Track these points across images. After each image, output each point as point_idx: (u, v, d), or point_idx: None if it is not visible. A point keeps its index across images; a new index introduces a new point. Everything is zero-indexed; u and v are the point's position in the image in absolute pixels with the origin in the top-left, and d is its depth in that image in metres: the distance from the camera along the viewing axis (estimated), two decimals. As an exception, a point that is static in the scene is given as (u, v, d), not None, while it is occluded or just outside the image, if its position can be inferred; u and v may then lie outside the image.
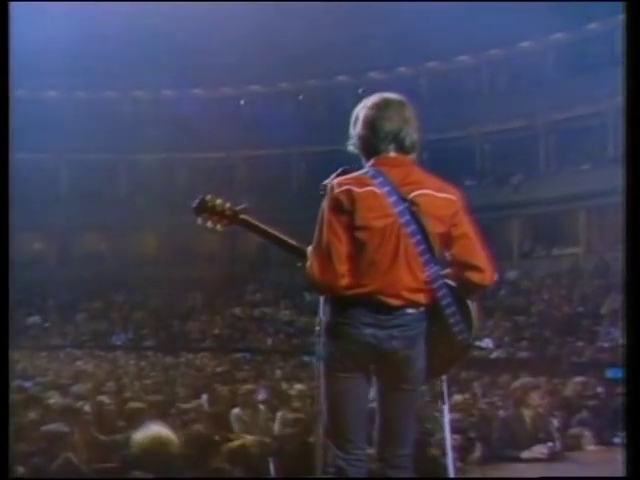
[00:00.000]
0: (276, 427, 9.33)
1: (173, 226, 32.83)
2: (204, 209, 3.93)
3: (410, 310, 3.59)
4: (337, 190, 3.58)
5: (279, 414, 9.69)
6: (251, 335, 30.50)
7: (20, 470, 6.33)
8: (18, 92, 34.21)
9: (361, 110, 3.80)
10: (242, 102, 38.03)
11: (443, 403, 4.14)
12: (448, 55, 33.71)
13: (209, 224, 3.93)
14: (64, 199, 36.40)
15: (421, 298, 3.61)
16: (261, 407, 9.81)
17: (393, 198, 3.57)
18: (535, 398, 10.12)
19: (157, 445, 5.93)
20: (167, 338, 31.44)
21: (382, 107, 3.75)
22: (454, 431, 9.06)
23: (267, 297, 32.95)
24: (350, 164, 3.83)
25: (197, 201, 3.94)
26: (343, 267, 3.53)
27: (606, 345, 21.47)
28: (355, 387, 3.63)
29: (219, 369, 19.74)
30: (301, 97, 37.58)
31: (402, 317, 3.58)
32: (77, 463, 6.42)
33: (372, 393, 3.78)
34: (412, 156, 3.75)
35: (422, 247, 3.58)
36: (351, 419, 3.65)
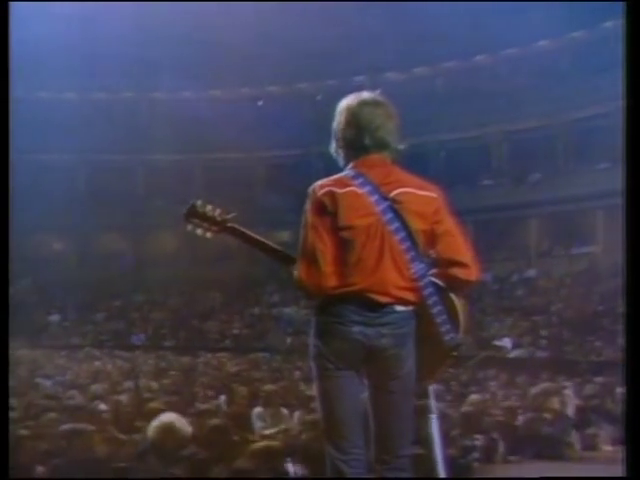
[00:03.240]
0: (295, 428, 9.32)
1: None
2: (194, 215, 3.93)
3: (399, 308, 3.58)
4: (319, 192, 3.64)
5: (296, 415, 9.68)
6: (270, 335, 30.53)
7: (40, 469, 6.36)
8: (37, 94, 34.48)
9: (339, 110, 3.85)
10: (260, 103, 38.06)
11: (430, 412, 3.94)
12: (465, 55, 33.66)
13: (199, 232, 3.95)
14: (83, 200, 36.53)
15: (409, 296, 3.59)
16: (283, 410, 9.79)
17: (375, 197, 3.59)
18: (555, 402, 10.07)
19: (170, 431, 5.99)
20: (186, 338, 31.53)
21: (358, 106, 3.80)
22: (475, 431, 9.05)
23: (286, 297, 32.87)
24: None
25: (187, 207, 3.94)
26: (329, 268, 3.54)
27: (626, 344, 21.32)
28: (347, 385, 3.59)
29: (238, 369, 19.75)
30: (319, 97, 37.54)
31: (391, 315, 3.56)
32: (96, 462, 6.44)
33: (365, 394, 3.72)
34: (391, 156, 3.75)
35: (407, 244, 3.58)
36: (346, 417, 3.60)
